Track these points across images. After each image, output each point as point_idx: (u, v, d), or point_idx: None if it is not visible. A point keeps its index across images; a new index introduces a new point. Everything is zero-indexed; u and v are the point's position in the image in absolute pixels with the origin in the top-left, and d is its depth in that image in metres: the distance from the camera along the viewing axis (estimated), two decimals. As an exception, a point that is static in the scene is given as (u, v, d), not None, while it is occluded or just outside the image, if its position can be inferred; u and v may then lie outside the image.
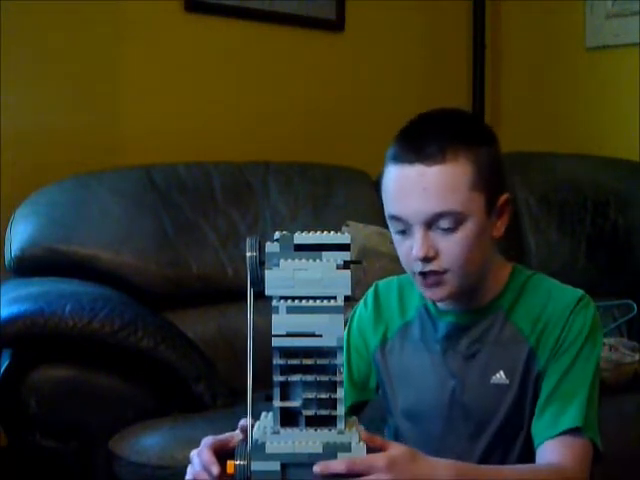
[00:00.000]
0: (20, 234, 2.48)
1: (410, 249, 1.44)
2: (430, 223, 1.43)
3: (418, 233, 1.43)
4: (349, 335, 1.61)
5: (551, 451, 1.42)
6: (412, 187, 1.43)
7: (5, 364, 2.14)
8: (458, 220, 1.42)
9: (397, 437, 1.58)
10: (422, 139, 1.44)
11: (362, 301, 1.64)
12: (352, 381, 1.59)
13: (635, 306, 2.71)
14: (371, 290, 1.63)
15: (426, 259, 1.43)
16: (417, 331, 1.56)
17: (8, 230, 2.51)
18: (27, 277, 2.43)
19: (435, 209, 1.42)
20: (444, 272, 1.44)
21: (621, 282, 2.92)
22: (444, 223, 1.42)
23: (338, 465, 1.18)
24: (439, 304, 1.54)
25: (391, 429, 1.61)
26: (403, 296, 1.59)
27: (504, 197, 1.49)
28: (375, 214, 2.88)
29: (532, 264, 2.84)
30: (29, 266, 2.46)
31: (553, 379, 1.46)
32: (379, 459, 1.22)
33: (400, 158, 1.45)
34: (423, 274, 1.45)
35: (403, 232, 1.46)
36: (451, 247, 1.43)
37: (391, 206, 1.46)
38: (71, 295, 2.21)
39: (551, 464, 1.40)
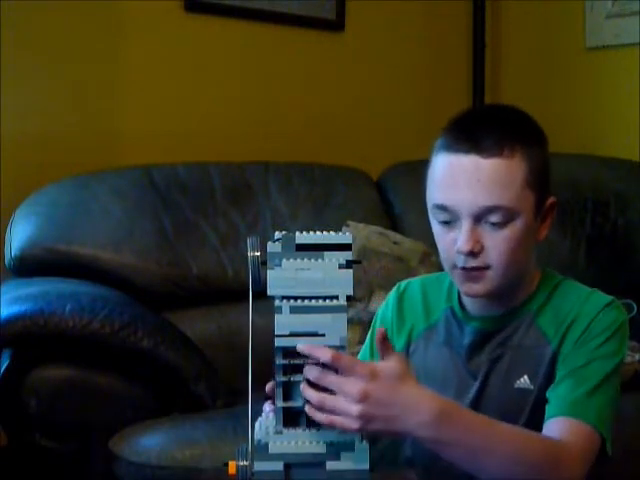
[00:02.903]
0: (20, 234, 2.48)
1: (453, 242, 1.42)
2: (479, 217, 1.40)
3: (466, 226, 1.40)
4: (372, 340, 1.58)
5: (557, 427, 1.37)
6: (465, 177, 1.40)
7: (5, 364, 2.14)
8: (508, 217, 1.40)
9: (415, 440, 1.57)
10: (479, 130, 1.42)
11: (384, 303, 1.62)
12: None
13: (635, 306, 2.70)
14: (393, 292, 1.61)
15: (471, 254, 1.40)
16: (442, 334, 1.54)
17: (8, 230, 2.51)
18: (27, 277, 2.43)
19: (487, 202, 1.39)
20: (486, 268, 1.41)
21: (621, 282, 2.91)
22: (494, 218, 1.40)
23: (323, 352, 1.17)
24: (468, 308, 1.52)
25: None
26: (427, 298, 1.57)
27: (551, 200, 1.47)
28: (375, 214, 2.89)
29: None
30: (29, 266, 2.46)
31: (569, 368, 1.42)
32: (364, 366, 1.20)
33: (454, 147, 1.41)
34: (464, 268, 1.42)
35: (447, 223, 1.43)
36: (498, 244, 1.40)
37: (439, 195, 1.43)
38: (71, 295, 2.21)
39: (550, 437, 1.35)
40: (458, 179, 1.41)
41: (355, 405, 1.18)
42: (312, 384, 1.20)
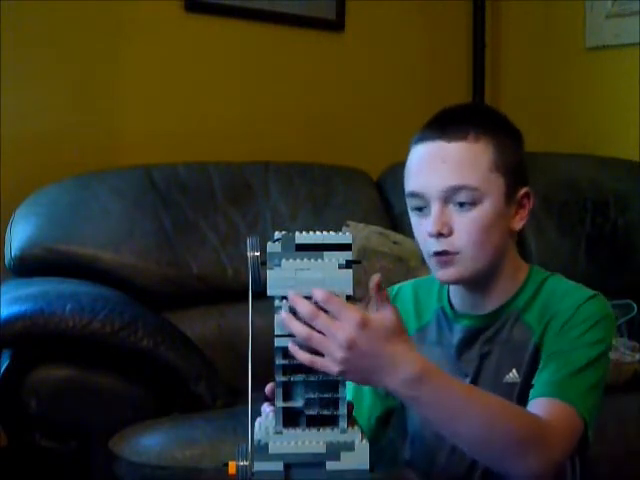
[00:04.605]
0: (20, 234, 2.48)
1: (427, 230, 1.45)
2: (447, 198, 1.44)
3: (434, 208, 1.44)
4: None
5: (539, 407, 1.37)
6: (431, 161, 1.45)
7: (5, 364, 2.14)
8: (475, 197, 1.43)
9: (414, 439, 1.57)
10: (447, 121, 1.47)
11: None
12: (376, 391, 1.56)
13: (635, 306, 2.71)
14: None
15: (440, 235, 1.43)
16: (434, 334, 1.56)
17: (8, 230, 2.51)
18: (27, 277, 2.43)
19: (452, 182, 1.43)
20: (457, 253, 1.44)
21: (621, 282, 2.92)
22: (460, 198, 1.43)
23: (317, 292, 1.18)
24: (457, 307, 1.53)
25: (410, 432, 1.59)
26: (419, 299, 1.59)
27: (525, 189, 1.49)
28: (375, 214, 2.89)
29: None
30: (29, 266, 2.46)
31: (551, 352, 1.43)
32: (355, 313, 1.20)
33: (423, 138, 1.47)
34: (437, 254, 1.45)
35: (421, 211, 1.47)
36: (466, 225, 1.43)
37: (410, 183, 1.48)
38: (71, 295, 2.21)
39: (536, 414, 1.36)
40: (425, 164, 1.46)
41: (340, 351, 1.19)
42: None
